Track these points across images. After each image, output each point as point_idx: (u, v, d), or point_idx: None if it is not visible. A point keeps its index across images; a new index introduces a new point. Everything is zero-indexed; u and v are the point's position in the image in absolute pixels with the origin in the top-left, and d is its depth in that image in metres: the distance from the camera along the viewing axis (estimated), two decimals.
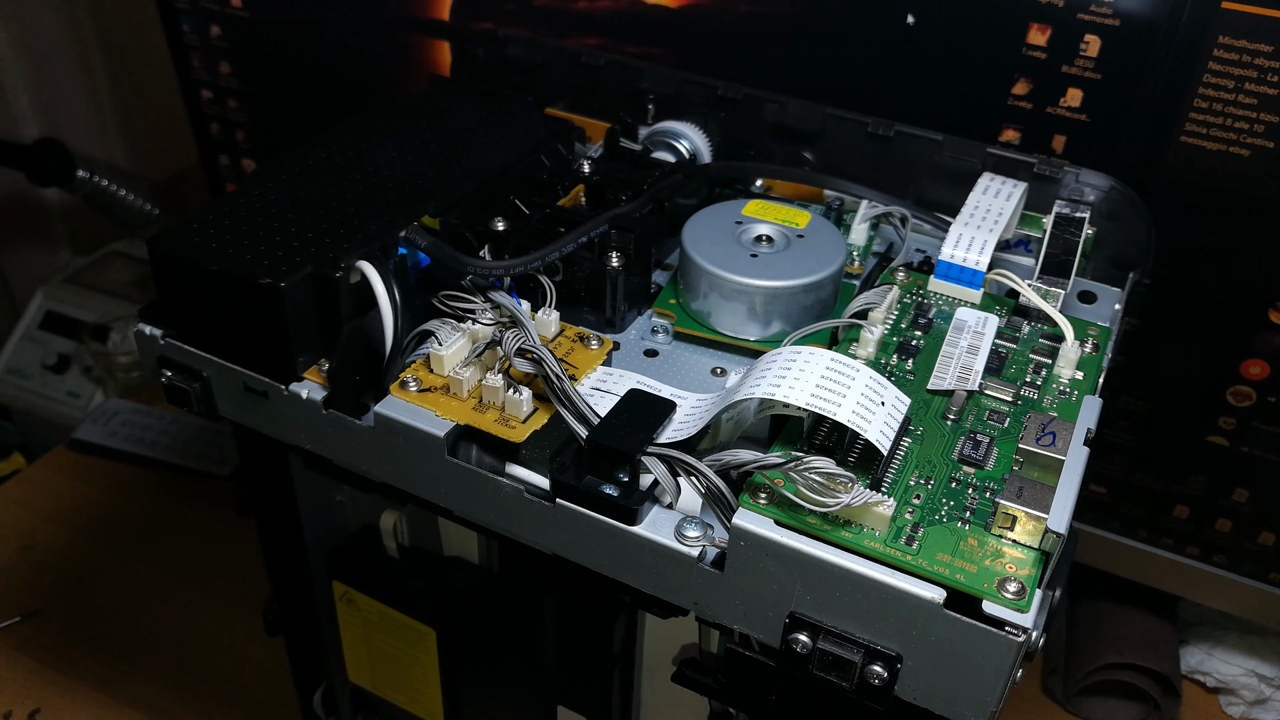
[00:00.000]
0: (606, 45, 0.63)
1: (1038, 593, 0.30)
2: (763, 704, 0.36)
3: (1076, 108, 0.53)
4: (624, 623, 0.44)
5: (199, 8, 0.75)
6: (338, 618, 0.53)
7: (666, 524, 0.34)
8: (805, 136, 0.52)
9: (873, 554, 0.31)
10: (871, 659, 0.32)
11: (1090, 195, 0.47)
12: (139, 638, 0.74)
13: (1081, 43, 0.51)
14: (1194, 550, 0.63)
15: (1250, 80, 0.48)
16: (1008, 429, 0.36)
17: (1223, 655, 0.70)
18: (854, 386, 0.33)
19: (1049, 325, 0.41)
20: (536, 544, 0.37)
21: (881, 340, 0.39)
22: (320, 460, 0.41)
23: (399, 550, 0.50)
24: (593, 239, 0.42)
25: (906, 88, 0.56)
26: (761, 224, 0.44)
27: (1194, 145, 0.51)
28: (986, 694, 0.31)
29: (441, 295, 0.39)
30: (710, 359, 0.43)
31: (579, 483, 0.34)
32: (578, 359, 0.39)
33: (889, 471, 0.34)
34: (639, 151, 0.49)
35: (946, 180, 0.50)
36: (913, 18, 0.54)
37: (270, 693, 0.70)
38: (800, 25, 0.57)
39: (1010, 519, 0.32)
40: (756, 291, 0.41)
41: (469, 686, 0.52)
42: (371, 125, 0.48)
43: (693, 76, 0.54)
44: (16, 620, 0.75)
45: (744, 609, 0.33)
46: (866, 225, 0.48)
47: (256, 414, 0.41)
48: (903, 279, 0.43)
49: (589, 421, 0.35)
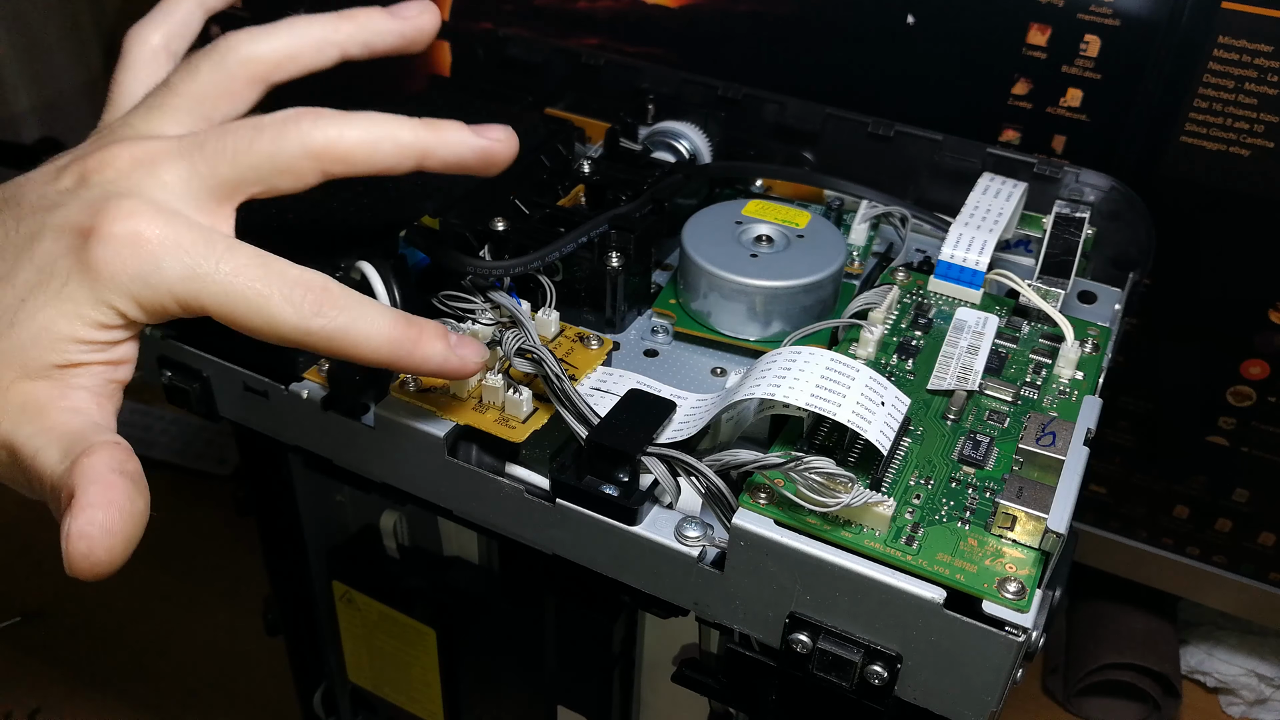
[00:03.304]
0: (606, 45, 0.63)
1: (1038, 593, 0.30)
2: (763, 704, 0.36)
3: (1076, 108, 0.53)
4: (624, 623, 0.44)
5: None
6: (338, 618, 0.53)
7: (666, 524, 0.34)
8: (805, 136, 0.52)
9: (873, 554, 0.31)
10: (871, 659, 0.32)
11: (1090, 195, 0.47)
12: (139, 638, 0.74)
13: (1081, 43, 0.51)
14: (1194, 550, 0.63)
15: (1250, 80, 0.48)
16: (1008, 429, 0.36)
17: (1223, 655, 0.70)
18: (854, 386, 0.33)
19: (1049, 325, 0.41)
20: (536, 544, 0.37)
21: (881, 340, 0.39)
22: (320, 460, 0.41)
23: (399, 550, 0.50)
24: (593, 239, 0.42)
25: (906, 88, 0.56)
26: (761, 224, 0.44)
27: (1194, 145, 0.51)
28: (986, 694, 0.31)
29: (441, 295, 0.39)
30: (710, 359, 0.43)
31: (579, 483, 0.34)
32: (578, 359, 0.39)
33: (889, 471, 0.34)
34: (639, 151, 0.49)
35: (946, 180, 0.50)
36: (913, 18, 0.54)
37: (270, 693, 0.70)
38: (800, 25, 0.57)
39: (1010, 519, 0.32)
40: (756, 291, 0.41)
41: (469, 686, 0.52)
42: None
43: (693, 76, 0.54)
44: (16, 620, 0.75)
45: (744, 609, 0.33)
46: (866, 225, 0.48)
47: (256, 414, 0.41)
48: (903, 279, 0.43)
49: (589, 421, 0.35)
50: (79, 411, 0.28)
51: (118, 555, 0.26)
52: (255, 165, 0.30)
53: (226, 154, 0.30)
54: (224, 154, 0.30)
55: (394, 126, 0.31)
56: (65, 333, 0.28)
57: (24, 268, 0.28)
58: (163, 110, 0.32)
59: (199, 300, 0.28)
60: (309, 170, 0.31)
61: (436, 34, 0.37)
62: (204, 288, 0.28)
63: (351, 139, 0.31)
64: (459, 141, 0.32)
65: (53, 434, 0.28)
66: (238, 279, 0.28)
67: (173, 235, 0.28)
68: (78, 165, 0.31)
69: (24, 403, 0.28)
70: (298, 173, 0.31)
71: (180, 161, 0.30)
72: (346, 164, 0.31)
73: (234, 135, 0.30)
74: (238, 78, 0.33)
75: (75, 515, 0.25)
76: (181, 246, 0.28)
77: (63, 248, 0.28)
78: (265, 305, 0.29)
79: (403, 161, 0.32)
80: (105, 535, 0.25)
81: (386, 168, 0.32)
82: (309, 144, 0.30)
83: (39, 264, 0.28)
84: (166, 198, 0.29)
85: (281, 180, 0.31)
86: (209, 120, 0.33)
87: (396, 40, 0.36)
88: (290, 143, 0.30)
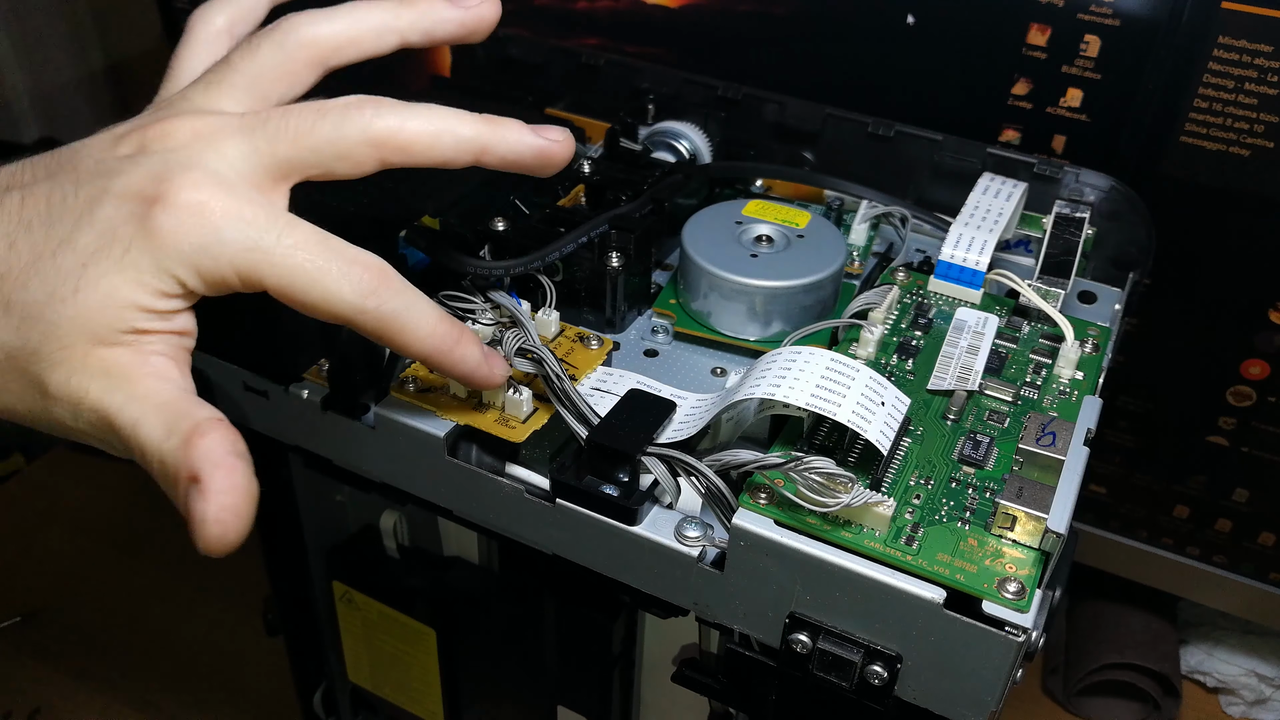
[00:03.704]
0: (606, 45, 0.63)
1: (1038, 593, 0.30)
2: (763, 704, 0.36)
3: (1076, 108, 0.53)
4: (624, 623, 0.44)
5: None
6: (338, 618, 0.53)
7: (666, 524, 0.34)
8: (805, 136, 0.52)
9: (873, 554, 0.31)
10: (871, 659, 0.32)
11: (1090, 195, 0.47)
12: (139, 638, 0.74)
13: (1081, 43, 0.51)
14: (1194, 550, 0.63)
15: (1250, 80, 0.48)
16: (1008, 429, 0.36)
17: (1223, 655, 0.70)
18: (854, 387, 0.33)
19: (1049, 325, 0.41)
20: (536, 544, 0.37)
21: (881, 340, 0.39)
22: (320, 460, 0.41)
23: (399, 550, 0.50)
24: (593, 239, 0.42)
25: (906, 88, 0.56)
26: (761, 224, 0.44)
27: (1194, 145, 0.51)
28: (986, 694, 0.31)
29: (441, 295, 0.39)
30: (710, 359, 0.43)
31: (579, 483, 0.34)
32: (578, 359, 0.39)
33: (889, 471, 0.34)
34: (639, 151, 0.49)
35: (946, 180, 0.50)
36: (913, 17, 0.54)
37: (270, 693, 0.70)
38: (800, 25, 0.57)
39: (1010, 519, 0.32)
40: (756, 291, 0.41)
41: (469, 686, 0.52)
42: None
43: (693, 76, 0.54)
44: (16, 620, 0.75)
45: (744, 609, 0.33)
46: (866, 225, 0.48)
47: (256, 414, 0.41)
48: (903, 279, 0.43)
49: (589, 421, 0.35)
50: (166, 378, 0.29)
51: (244, 533, 0.28)
52: (315, 148, 0.30)
53: (288, 134, 0.30)
54: (285, 134, 0.30)
55: (455, 120, 0.32)
56: (130, 299, 0.28)
57: (84, 231, 0.28)
58: (221, 87, 0.33)
59: (258, 272, 0.29)
60: (367, 158, 0.31)
61: (497, 24, 0.36)
62: (265, 259, 0.29)
63: (412, 130, 0.31)
64: (518, 140, 0.33)
65: (148, 403, 0.28)
66: (297, 253, 0.29)
67: (235, 207, 0.29)
68: (137, 134, 0.31)
69: (107, 368, 0.28)
70: (356, 159, 0.31)
71: (241, 138, 0.30)
72: (406, 154, 0.31)
73: (297, 116, 0.31)
74: (297, 59, 0.33)
75: (206, 501, 0.27)
76: (244, 219, 0.29)
77: (125, 214, 0.28)
78: (323, 280, 0.29)
79: (461, 155, 0.32)
80: (236, 518, 0.27)
81: (445, 160, 0.32)
82: (371, 132, 0.31)
83: (100, 229, 0.28)
84: (226, 171, 0.30)
85: (340, 165, 0.31)
86: (266, 99, 0.33)
87: (456, 29, 0.36)
88: (352, 129, 0.31)
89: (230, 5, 0.37)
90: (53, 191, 0.29)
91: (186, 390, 0.29)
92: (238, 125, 0.31)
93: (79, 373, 0.28)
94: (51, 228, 0.29)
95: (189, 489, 0.27)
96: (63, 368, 0.28)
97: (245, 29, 0.37)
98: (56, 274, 0.28)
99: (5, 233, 0.29)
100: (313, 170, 0.31)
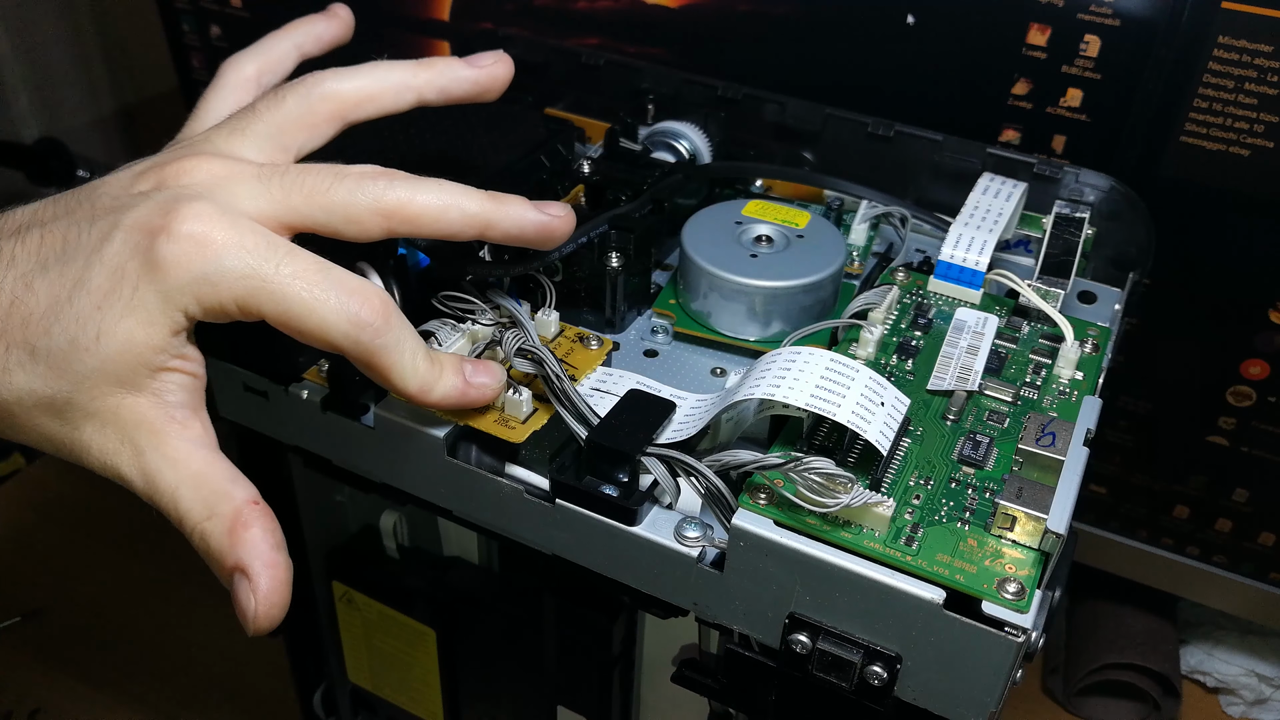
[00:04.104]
0: (606, 45, 0.63)
1: (1037, 593, 0.30)
2: (762, 704, 0.36)
3: (1076, 108, 0.53)
4: (624, 623, 0.44)
5: (199, 8, 0.75)
6: (338, 618, 0.53)
7: (666, 524, 0.34)
8: (805, 136, 0.52)
9: (872, 554, 0.31)
10: (871, 659, 0.32)
11: (1090, 195, 0.47)
12: (139, 637, 0.74)
13: (1081, 43, 0.51)
14: (1194, 550, 0.63)
15: (1250, 80, 0.48)
16: (1007, 429, 0.36)
17: (1223, 655, 0.70)
18: (854, 387, 0.33)
19: (1049, 325, 0.41)
20: (536, 544, 0.37)
21: (881, 340, 0.39)
22: (320, 460, 0.41)
23: (399, 550, 0.50)
24: (592, 239, 0.42)
25: (906, 88, 0.56)
26: (761, 224, 0.44)
27: (1194, 145, 0.51)
28: (986, 694, 0.31)
29: (441, 295, 0.39)
30: (710, 359, 0.43)
31: (579, 483, 0.34)
32: (578, 359, 0.39)
33: (889, 472, 0.34)
34: (639, 151, 0.49)
35: (946, 180, 0.50)
36: (913, 18, 0.54)
37: (270, 693, 0.70)
38: (800, 25, 0.57)
39: (1010, 519, 0.32)
40: (756, 292, 0.41)
41: (469, 686, 0.52)
42: (371, 126, 0.47)
43: (693, 76, 0.54)
44: (16, 620, 0.75)
45: (743, 609, 0.33)
46: (866, 225, 0.48)
47: (256, 414, 0.41)
48: (902, 279, 0.43)
49: (589, 422, 0.35)
50: (191, 437, 0.31)
51: (284, 614, 0.31)
52: (327, 208, 0.32)
53: (304, 190, 0.31)
54: (301, 189, 0.31)
55: (461, 196, 0.33)
56: (146, 342, 0.29)
57: (96, 270, 0.29)
58: (244, 134, 0.34)
59: (256, 300, 0.29)
60: (375, 225, 0.32)
61: (509, 83, 0.38)
62: (262, 287, 0.29)
63: (421, 203, 0.32)
64: (520, 216, 0.34)
65: (183, 471, 0.30)
66: (296, 282, 0.29)
67: (237, 237, 0.29)
68: (155, 172, 0.32)
69: (138, 421, 0.30)
70: (364, 225, 0.32)
71: (257, 184, 0.31)
72: (412, 225, 0.32)
73: (315, 175, 0.32)
74: (319, 112, 0.35)
75: (256, 597, 0.30)
76: (244, 247, 0.29)
77: (131, 247, 0.29)
78: (319, 310, 0.30)
79: (466, 230, 0.33)
80: (280, 610, 0.30)
81: (450, 234, 0.33)
82: (382, 202, 0.32)
83: (110, 266, 0.29)
84: (233, 207, 0.30)
85: (348, 228, 0.32)
86: (285, 149, 0.34)
87: (471, 87, 0.38)
88: (365, 197, 0.32)
89: (261, 56, 0.39)
90: (69, 229, 0.30)
91: (212, 449, 0.31)
92: (255, 173, 0.32)
93: (111, 424, 0.30)
94: (66, 266, 0.29)
95: (235, 577, 0.30)
96: (95, 420, 0.30)
97: (273, 80, 0.39)
98: (76, 321, 0.29)
99: (23, 274, 0.29)
100: (320, 228, 0.32)
